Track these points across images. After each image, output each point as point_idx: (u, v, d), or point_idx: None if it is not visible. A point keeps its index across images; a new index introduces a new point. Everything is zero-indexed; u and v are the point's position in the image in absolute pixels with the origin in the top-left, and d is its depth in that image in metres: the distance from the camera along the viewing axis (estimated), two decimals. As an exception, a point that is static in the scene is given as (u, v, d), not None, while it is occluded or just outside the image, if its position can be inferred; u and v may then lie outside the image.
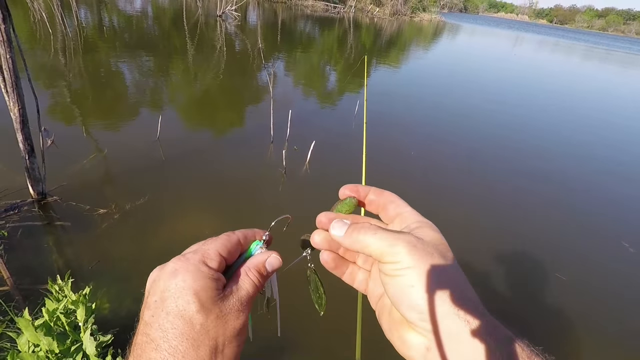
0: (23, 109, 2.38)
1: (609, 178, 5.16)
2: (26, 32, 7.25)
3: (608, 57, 29.79)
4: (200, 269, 0.41)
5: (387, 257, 0.39)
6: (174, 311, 0.38)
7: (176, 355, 0.37)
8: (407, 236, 0.40)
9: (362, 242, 0.41)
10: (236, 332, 0.40)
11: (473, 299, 0.37)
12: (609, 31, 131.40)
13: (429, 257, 0.38)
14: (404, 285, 0.38)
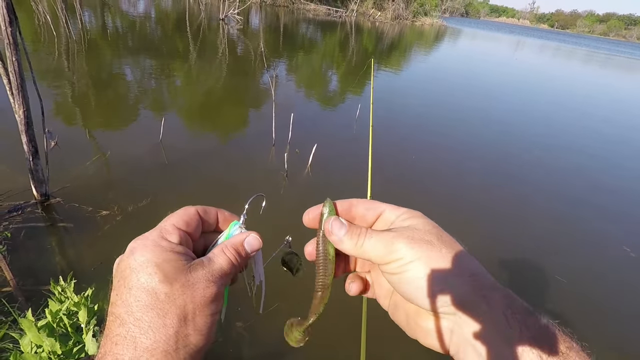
0: (28, 111, 2.40)
1: (611, 183, 5.16)
2: (31, 35, 7.30)
3: (610, 61, 29.81)
4: (160, 244, 0.40)
5: (388, 257, 0.39)
6: (136, 285, 0.37)
7: (141, 326, 0.36)
8: (401, 232, 0.40)
9: (362, 246, 0.40)
10: (207, 301, 0.38)
11: (483, 273, 0.37)
12: (610, 36, 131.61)
13: (429, 245, 0.38)
14: (414, 279, 0.38)
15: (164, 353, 0.35)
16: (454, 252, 0.38)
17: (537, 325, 0.33)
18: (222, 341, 2.02)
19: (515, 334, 0.33)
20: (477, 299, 0.35)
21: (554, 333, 0.33)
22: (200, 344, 0.38)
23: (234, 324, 2.11)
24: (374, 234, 0.40)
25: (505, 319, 0.33)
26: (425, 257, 0.37)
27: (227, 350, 2.00)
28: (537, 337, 0.33)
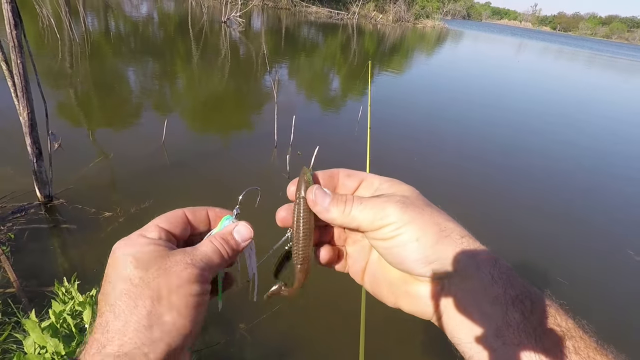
0: (32, 113, 2.42)
1: (616, 186, 5.14)
2: (34, 38, 7.34)
3: (614, 64, 29.78)
4: (138, 240, 0.40)
5: (379, 223, 0.38)
6: (114, 277, 0.38)
7: (115, 311, 0.36)
8: (391, 197, 0.40)
9: (349, 214, 0.40)
10: (183, 281, 0.37)
11: (470, 236, 0.38)
12: (613, 38, 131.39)
13: (419, 210, 0.38)
14: (406, 243, 0.38)
15: (136, 332, 0.35)
16: (442, 217, 0.39)
17: (521, 285, 0.34)
18: (224, 343, 2.02)
19: (500, 292, 0.34)
20: (467, 260, 0.36)
21: (537, 293, 0.34)
22: (178, 323, 0.36)
23: (237, 326, 2.11)
24: (363, 200, 0.40)
25: (492, 278, 0.34)
26: (416, 221, 0.38)
27: (230, 351, 2.01)
28: (522, 295, 0.33)
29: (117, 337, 0.35)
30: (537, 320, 0.32)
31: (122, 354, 0.34)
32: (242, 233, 0.44)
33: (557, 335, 0.32)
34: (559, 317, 0.33)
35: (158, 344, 0.35)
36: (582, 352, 0.31)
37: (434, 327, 1.44)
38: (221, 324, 2.13)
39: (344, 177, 0.45)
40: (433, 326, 0.40)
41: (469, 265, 0.36)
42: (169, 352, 0.35)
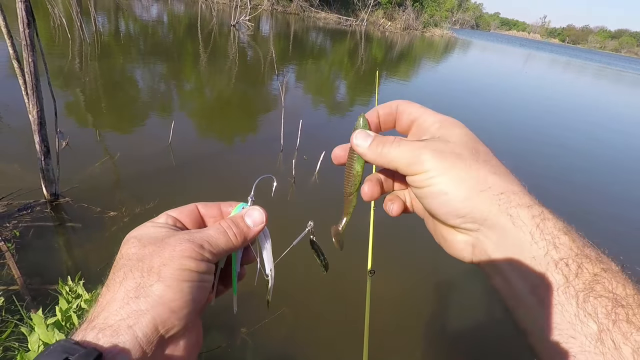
0: (41, 111, 2.43)
1: (623, 200, 5.10)
2: (46, 37, 7.43)
3: (623, 78, 29.66)
4: (145, 225, 0.40)
5: (413, 168, 0.38)
6: (118, 256, 0.38)
7: (108, 285, 0.36)
8: (431, 143, 0.38)
9: (387, 155, 0.40)
10: (176, 254, 0.36)
11: (515, 192, 0.36)
12: (622, 52, 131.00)
13: (458, 159, 0.37)
14: (438, 194, 0.37)
15: (122, 303, 0.34)
16: (487, 167, 0.37)
17: (569, 247, 0.33)
18: (226, 346, 2.01)
19: (540, 253, 0.33)
20: (502, 218, 0.35)
21: (592, 256, 0.32)
22: (166, 296, 0.34)
23: (239, 330, 2.10)
24: (402, 143, 0.39)
25: (531, 238, 0.33)
26: (451, 172, 0.36)
27: (231, 355, 1.99)
28: (567, 258, 0.32)
29: (105, 310, 0.34)
30: (582, 284, 0.31)
31: (106, 326, 0.32)
32: (254, 216, 0.43)
33: (605, 300, 0.30)
34: (615, 283, 0.31)
35: (144, 316, 0.33)
36: (636, 320, 0.29)
37: (440, 333, 1.44)
38: (222, 327, 2.11)
39: (401, 113, 0.45)
40: (439, 332, 0.39)
41: (503, 223, 0.35)
42: (155, 326, 0.33)
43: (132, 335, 0.32)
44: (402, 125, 0.45)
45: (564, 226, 0.34)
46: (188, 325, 0.36)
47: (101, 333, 0.32)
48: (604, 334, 0.29)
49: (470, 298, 2.84)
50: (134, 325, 0.33)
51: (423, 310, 2.62)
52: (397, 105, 0.45)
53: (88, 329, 0.33)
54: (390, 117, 0.45)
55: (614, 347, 0.29)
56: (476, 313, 2.71)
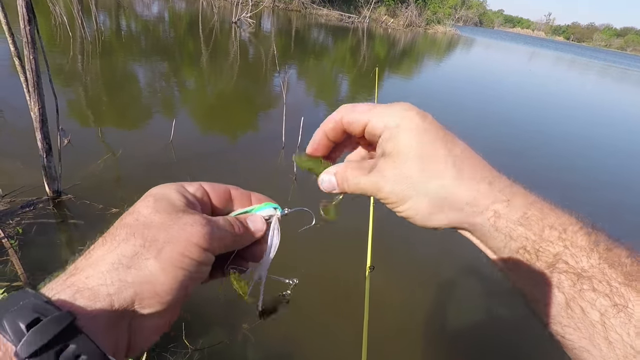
0: (43, 108, 2.44)
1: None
2: (47, 35, 7.43)
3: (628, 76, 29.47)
4: (172, 187, 0.39)
5: (382, 200, 0.42)
6: (129, 211, 0.37)
7: (105, 239, 0.34)
8: (386, 174, 0.40)
9: (357, 191, 0.43)
10: (182, 236, 0.34)
11: (465, 197, 0.38)
12: (628, 50, 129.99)
13: (415, 184, 0.39)
14: (407, 216, 0.41)
15: (111, 267, 0.32)
16: (439, 187, 0.38)
17: (525, 235, 0.36)
18: (227, 343, 2.02)
19: (501, 245, 0.38)
20: (465, 224, 0.39)
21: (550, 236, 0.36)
22: (157, 277, 0.33)
23: (240, 326, 2.11)
24: (360, 177, 0.42)
25: (491, 235, 0.38)
26: (412, 200, 0.39)
27: (233, 351, 2.00)
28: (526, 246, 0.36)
29: (91, 267, 0.32)
30: (545, 264, 0.35)
31: (85, 287, 0.31)
32: (256, 221, 0.43)
33: (571, 274, 0.34)
34: (579, 257, 0.34)
35: (128, 289, 0.31)
36: (600, 288, 0.32)
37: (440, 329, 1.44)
38: (224, 323, 2.12)
39: (348, 123, 0.44)
40: (440, 328, 0.40)
41: (466, 226, 0.39)
42: (133, 301, 0.32)
43: (109, 305, 0.31)
44: (356, 133, 0.45)
45: (520, 217, 0.36)
46: (165, 309, 0.34)
47: (79, 294, 0.30)
48: (571, 302, 0.33)
49: (470, 296, 2.84)
50: (114, 295, 0.31)
51: (423, 307, 2.62)
52: (340, 116, 0.45)
53: (65, 285, 0.31)
54: (339, 131, 0.46)
55: (582, 312, 0.33)
56: (476, 312, 2.71)
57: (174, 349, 1.91)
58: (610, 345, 0.31)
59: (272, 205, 0.45)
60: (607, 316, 0.32)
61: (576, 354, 0.34)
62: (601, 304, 0.32)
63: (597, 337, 0.32)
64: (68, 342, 0.28)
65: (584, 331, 0.33)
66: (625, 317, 0.31)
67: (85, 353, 0.28)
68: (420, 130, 0.39)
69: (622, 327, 0.31)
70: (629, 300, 0.31)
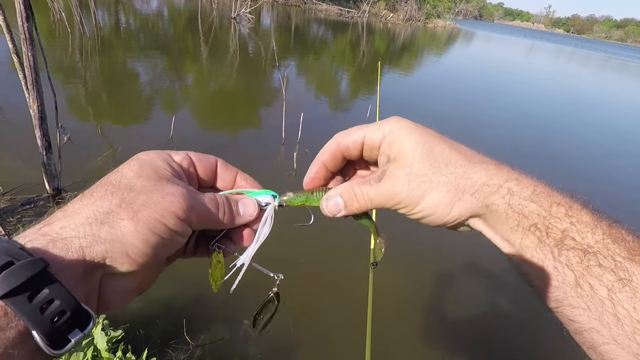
0: (42, 105, 2.43)
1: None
2: (45, 31, 7.41)
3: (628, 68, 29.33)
4: (159, 154, 0.39)
5: (396, 207, 0.42)
6: (114, 171, 0.37)
7: (85, 194, 0.34)
8: (396, 179, 0.41)
9: (369, 205, 0.44)
10: (163, 204, 0.34)
11: (480, 190, 0.39)
12: (628, 42, 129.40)
13: (426, 182, 0.40)
14: (424, 217, 0.42)
15: (86, 221, 0.32)
16: (451, 173, 0.40)
17: (537, 212, 0.37)
18: (229, 338, 2.02)
19: (515, 224, 0.38)
20: (481, 210, 0.39)
21: (558, 213, 0.37)
22: (129, 238, 0.32)
23: (241, 321, 2.11)
24: (371, 194, 0.43)
25: (506, 215, 0.38)
26: (427, 199, 0.40)
27: (234, 347, 2.01)
28: (537, 223, 0.37)
29: (65, 219, 0.32)
30: (554, 241, 0.35)
31: (59, 237, 0.31)
32: (247, 207, 0.43)
33: (578, 251, 0.34)
34: (584, 233, 0.35)
35: (98, 244, 0.32)
36: (606, 263, 0.33)
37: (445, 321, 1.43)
38: (225, 319, 2.13)
39: (346, 147, 0.46)
40: (444, 320, 0.40)
41: (483, 211, 0.39)
42: (104, 258, 0.32)
43: (81, 256, 0.31)
44: (354, 155, 0.46)
45: (531, 194, 0.38)
46: (136, 271, 0.34)
47: (52, 243, 0.30)
48: (580, 279, 0.33)
49: (471, 290, 2.85)
50: (86, 248, 0.31)
51: (425, 303, 2.63)
52: (336, 143, 0.46)
53: (39, 234, 0.31)
54: (338, 159, 0.47)
55: (591, 288, 0.33)
56: (477, 304, 2.72)
57: (175, 345, 1.91)
58: (619, 322, 0.31)
59: (272, 193, 0.45)
60: (613, 291, 0.32)
61: (585, 337, 0.34)
62: (607, 279, 0.32)
63: (606, 314, 0.32)
64: (41, 286, 0.28)
65: (593, 310, 0.33)
66: (631, 291, 0.31)
67: (59, 298, 0.28)
68: (418, 131, 0.42)
69: (629, 301, 0.31)
70: (633, 274, 0.32)
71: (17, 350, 0.27)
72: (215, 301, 2.20)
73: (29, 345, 0.28)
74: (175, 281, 2.13)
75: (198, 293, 2.19)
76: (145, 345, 1.73)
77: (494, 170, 0.40)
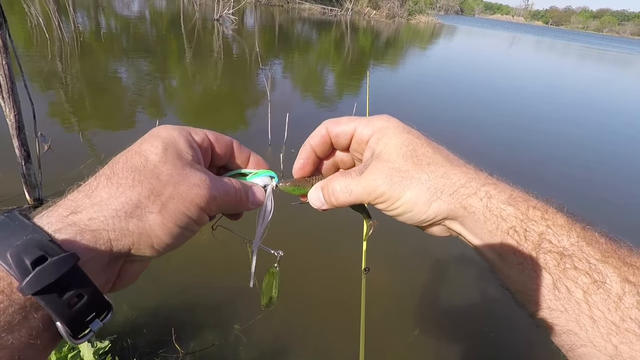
0: (19, 114, 2.37)
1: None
2: (23, 38, 7.24)
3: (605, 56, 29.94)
4: (182, 133, 0.39)
5: (375, 201, 0.42)
6: (135, 149, 0.37)
7: (112, 180, 0.34)
8: (379, 172, 0.41)
9: (347, 202, 0.44)
10: (189, 196, 0.35)
11: (462, 186, 0.40)
12: (604, 32, 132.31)
13: (408, 178, 0.40)
14: (403, 213, 0.42)
15: (115, 213, 0.32)
16: (433, 172, 0.41)
17: (514, 214, 0.37)
18: (219, 344, 2.00)
19: (493, 227, 0.38)
20: (459, 211, 0.39)
21: (534, 216, 0.37)
22: (157, 232, 0.34)
23: (232, 327, 2.09)
24: (351, 185, 0.43)
25: (484, 217, 0.38)
26: (407, 194, 0.40)
27: (225, 353, 1.99)
28: (517, 226, 0.37)
29: (93, 209, 0.32)
30: (532, 244, 0.36)
31: (88, 229, 0.31)
32: (256, 194, 0.45)
33: (554, 254, 0.35)
34: (560, 236, 0.35)
35: (127, 237, 0.33)
36: (581, 266, 0.34)
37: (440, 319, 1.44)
38: (216, 325, 2.10)
39: (336, 135, 0.47)
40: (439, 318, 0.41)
41: (461, 213, 0.39)
42: (129, 249, 0.33)
43: (108, 248, 0.32)
44: (342, 145, 0.47)
45: (508, 197, 0.38)
46: (152, 257, 0.36)
47: (80, 235, 0.31)
48: (557, 282, 0.34)
49: (464, 287, 2.87)
50: (114, 241, 0.32)
51: (418, 302, 2.64)
52: (325, 129, 0.47)
53: (66, 223, 0.31)
54: (325, 145, 0.48)
55: (567, 291, 0.34)
56: (468, 302, 2.74)
57: (165, 353, 1.88)
58: (595, 323, 0.32)
59: (269, 174, 0.46)
60: (589, 293, 0.33)
61: (564, 339, 0.35)
62: (583, 282, 0.33)
63: (583, 316, 0.33)
64: (71, 282, 0.29)
65: (570, 312, 0.33)
66: (605, 293, 0.32)
67: (86, 293, 0.30)
68: (405, 131, 0.43)
69: (603, 303, 0.32)
70: (607, 276, 0.33)
71: (40, 339, 0.28)
72: (203, 307, 2.17)
73: (50, 333, 0.29)
74: (162, 288, 2.10)
75: (185, 300, 2.16)
76: (133, 356, 1.71)
77: (472, 174, 0.40)
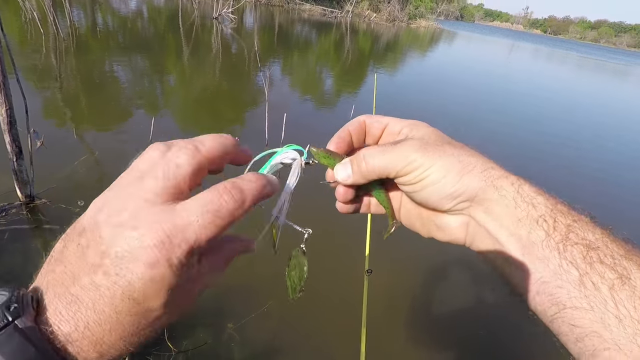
0: (11, 109, 2.33)
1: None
2: (17, 32, 7.16)
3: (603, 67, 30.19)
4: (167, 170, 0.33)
5: (406, 169, 0.41)
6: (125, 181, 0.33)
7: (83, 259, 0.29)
8: (412, 142, 0.41)
9: (376, 168, 0.42)
10: None
11: (493, 168, 0.40)
12: (601, 42, 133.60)
13: (439, 150, 0.40)
14: (431, 184, 0.40)
15: None
16: (465, 154, 0.41)
17: (545, 205, 0.37)
18: (212, 343, 1.98)
19: (523, 214, 0.37)
20: (489, 191, 0.38)
21: (564, 210, 0.36)
22: None
23: (225, 325, 2.06)
24: (385, 151, 0.42)
25: (515, 203, 0.37)
26: (439, 162, 0.40)
27: (218, 352, 1.96)
28: (545, 215, 0.36)
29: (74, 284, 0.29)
30: (559, 236, 0.35)
31: None
32: (273, 183, 0.40)
33: (580, 247, 0.34)
34: (585, 231, 0.35)
35: None
36: (607, 261, 0.32)
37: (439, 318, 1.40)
38: (208, 323, 2.08)
39: (370, 124, 0.47)
40: (439, 317, 0.39)
41: (490, 195, 0.38)
42: None
43: None
44: (374, 136, 0.48)
45: (537, 189, 0.38)
46: None
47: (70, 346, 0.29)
48: (584, 277, 0.33)
49: (465, 290, 2.86)
50: None
51: (417, 303, 2.63)
52: (363, 119, 0.48)
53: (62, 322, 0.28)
54: (361, 132, 0.48)
55: (594, 287, 0.32)
56: (468, 306, 2.73)
57: (157, 352, 1.85)
58: (620, 323, 0.30)
59: (297, 148, 0.46)
60: (615, 290, 0.31)
61: (586, 343, 0.32)
62: (609, 277, 0.32)
63: (609, 315, 0.31)
64: None
65: (596, 311, 0.32)
66: (630, 290, 0.31)
67: None
68: (434, 129, 0.45)
69: (629, 300, 0.31)
70: (631, 271, 0.32)
71: None
72: (196, 305, 2.14)
73: None
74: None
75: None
76: (125, 355, 1.67)
77: (499, 167, 0.41)
